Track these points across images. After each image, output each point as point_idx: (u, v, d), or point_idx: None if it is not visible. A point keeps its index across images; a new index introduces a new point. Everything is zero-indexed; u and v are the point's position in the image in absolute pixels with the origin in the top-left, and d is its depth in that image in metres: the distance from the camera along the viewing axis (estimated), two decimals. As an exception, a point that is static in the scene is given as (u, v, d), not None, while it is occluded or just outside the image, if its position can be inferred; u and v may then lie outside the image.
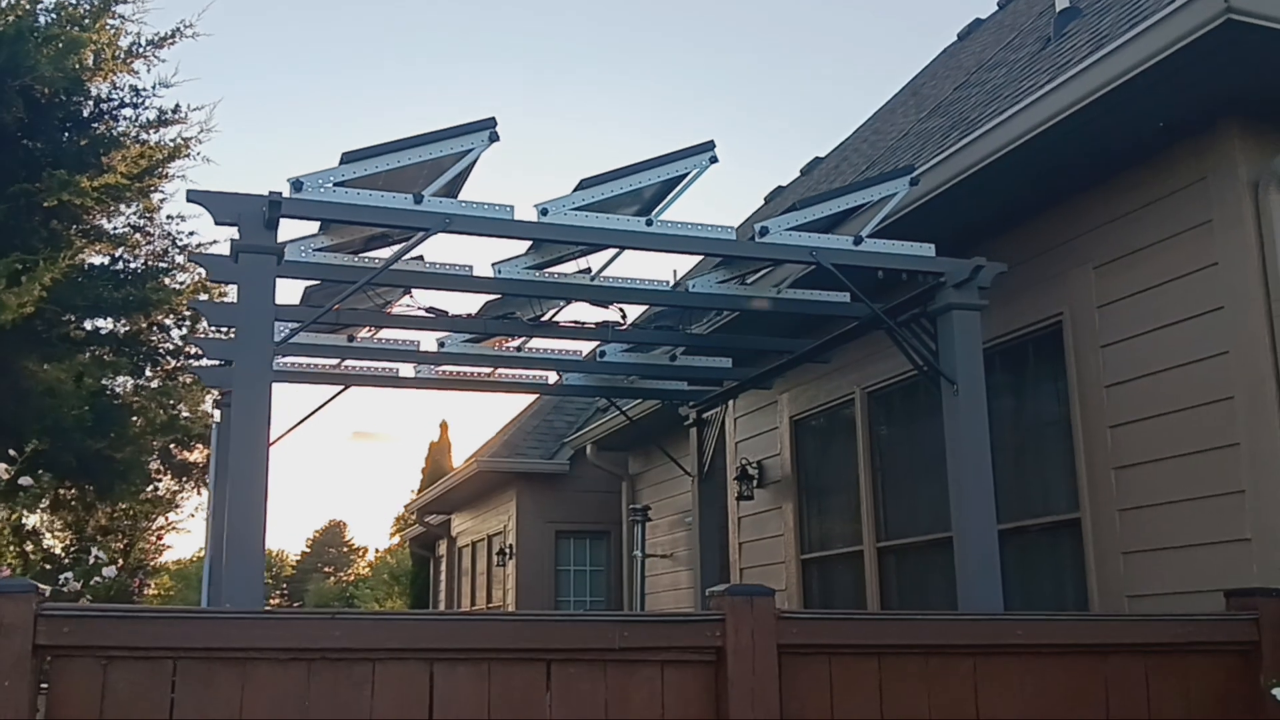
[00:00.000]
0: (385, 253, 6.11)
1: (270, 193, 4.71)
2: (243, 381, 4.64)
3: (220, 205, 4.76)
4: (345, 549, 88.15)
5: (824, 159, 15.13)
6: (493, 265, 5.91)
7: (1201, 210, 5.49)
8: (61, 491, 13.02)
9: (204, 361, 7.85)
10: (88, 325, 11.23)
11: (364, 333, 7.46)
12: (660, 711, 4.04)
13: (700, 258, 6.12)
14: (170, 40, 10.29)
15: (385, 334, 7.52)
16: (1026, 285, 6.51)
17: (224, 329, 8.34)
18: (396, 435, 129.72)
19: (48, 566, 6.42)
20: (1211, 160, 5.45)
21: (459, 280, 5.97)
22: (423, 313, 6.78)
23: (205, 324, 8.38)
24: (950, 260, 5.74)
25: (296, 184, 4.90)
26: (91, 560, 6.70)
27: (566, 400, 17.38)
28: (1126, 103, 5.30)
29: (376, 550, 74.53)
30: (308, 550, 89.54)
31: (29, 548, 16.04)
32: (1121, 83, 5.18)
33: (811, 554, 8.97)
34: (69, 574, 5.72)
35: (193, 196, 4.72)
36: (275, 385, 4.89)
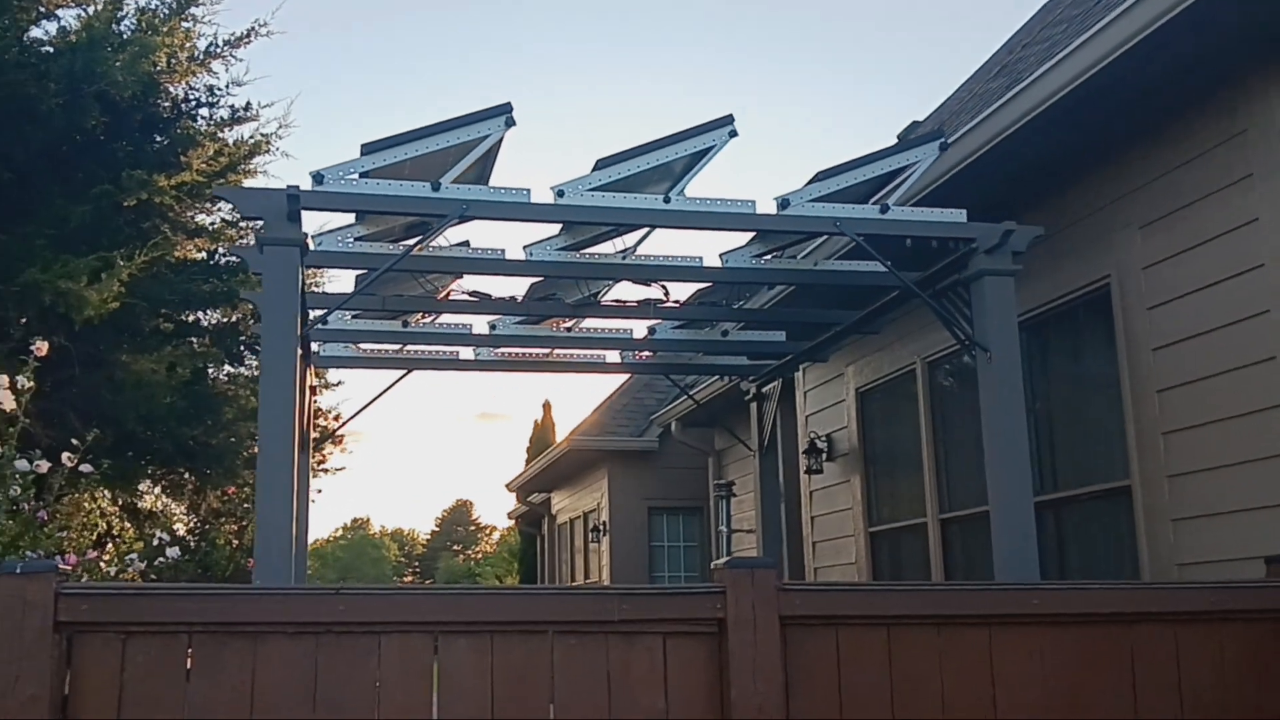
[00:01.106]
0: (440, 240, 6.27)
1: (289, 186, 4.89)
2: (269, 369, 4.84)
3: (245, 200, 4.96)
4: (472, 527, 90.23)
5: (922, 122, 14.85)
6: (524, 248, 6.01)
7: (1241, 164, 5.28)
8: (173, 477, 13.70)
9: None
10: (189, 317, 11.75)
11: (422, 319, 7.66)
12: (662, 683, 4.09)
13: (752, 233, 6.10)
14: (246, 40, 10.65)
15: (443, 319, 7.71)
16: (1073, 249, 6.35)
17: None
18: (517, 416, 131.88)
19: (173, 548, 6.82)
20: (1251, 112, 5.23)
21: (492, 264, 6.09)
22: (467, 297, 6.93)
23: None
24: (981, 225, 5.63)
25: (317, 176, 5.07)
26: (155, 542, 7.07)
27: (656, 378, 17.50)
28: (1161, 51, 5.13)
29: (500, 529, 76.13)
30: (437, 529, 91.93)
31: (151, 531, 16.92)
32: (1154, 29, 5.01)
33: (879, 526, 8.90)
34: (134, 554, 6.05)
35: (218, 192, 4.95)
36: (352, 371, 5.07)
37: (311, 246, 5.84)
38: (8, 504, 5.34)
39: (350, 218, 5.82)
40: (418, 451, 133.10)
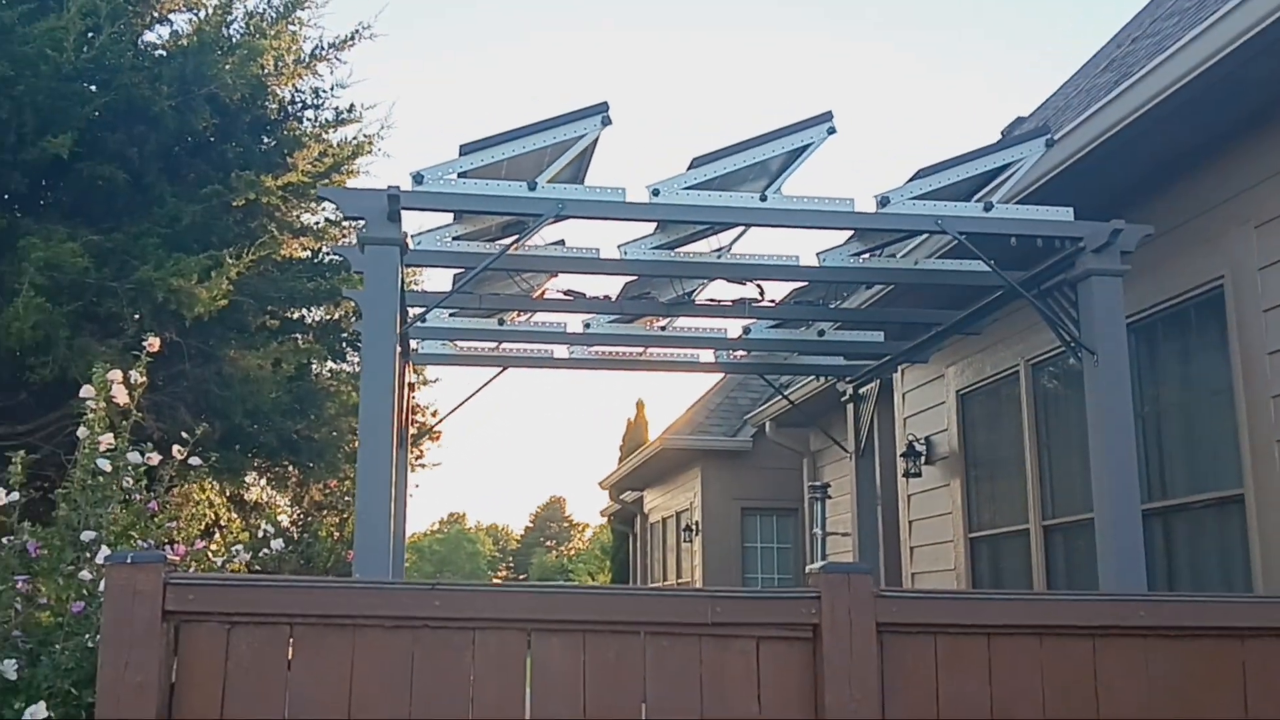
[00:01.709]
0: (535, 240, 6.32)
1: (390, 187, 4.96)
2: (369, 366, 4.92)
3: (347, 200, 5.05)
4: (565, 524, 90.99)
5: (1027, 118, 14.52)
6: (619, 247, 6.02)
7: (1367, 159, 5.04)
8: (277, 470, 14.06)
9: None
10: (294, 314, 12.04)
11: (518, 317, 7.73)
12: (755, 686, 4.06)
13: (850, 232, 6.03)
14: (350, 42, 10.86)
15: (538, 317, 7.76)
16: (1184, 248, 6.13)
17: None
18: (611, 413, 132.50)
19: (277, 540, 7.03)
20: (1379, 105, 5.00)
21: (587, 263, 6.11)
22: (562, 296, 6.96)
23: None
24: (1088, 224, 5.47)
25: (417, 177, 5.14)
26: (260, 533, 7.24)
27: (750, 377, 17.41)
28: (1274, 46, 4.92)
29: (592, 526, 76.68)
30: (531, 525, 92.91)
31: (256, 521, 17.38)
32: (1273, 20, 4.82)
33: (979, 532, 8.72)
34: (239, 546, 6.21)
35: (322, 193, 5.05)
36: (447, 369, 5.12)
37: (411, 246, 5.93)
38: (120, 495, 5.51)
39: (448, 217, 5.89)
40: (513, 448, 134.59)
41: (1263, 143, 5.64)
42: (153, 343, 5.65)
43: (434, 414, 17.37)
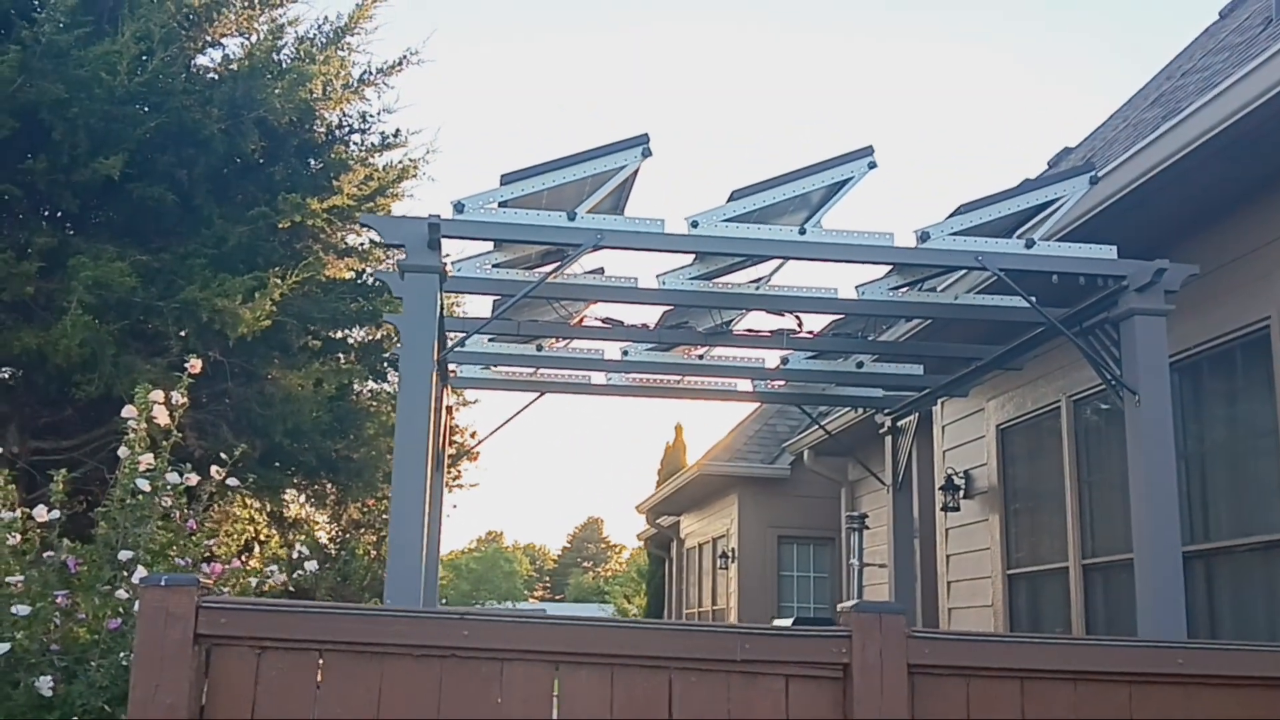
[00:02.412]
0: (575, 268, 6.35)
1: (430, 215, 5.01)
2: (406, 391, 4.95)
3: (388, 228, 5.10)
4: (602, 545, 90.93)
5: (1074, 149, 14.41)
6: (657, 277, 6.02)
7: None
8: (316, 488, 14.17)
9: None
10: (336, 334, 12.16)
11: (556, 343, 7.75)
12: (784, 725, 4.03)
13: (889, 266, 6.00)
14: (398, 68, 10.99)
15: (576, 344, 7.78)
16: (1229, 288, 6.05)
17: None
18: (649, 437, 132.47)
19: (311, 561, 7.08)
20: None
21: (625, 292, 6.13)
22: (600, 323, 6.98)
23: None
24: (1131, 262, 5.41)
25: (458, 206, 5.18)
26: (295, 554, 7.29)
27: (789, 405, 17.32)
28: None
29: (629, 549, 76.54)
30: (568, 545, 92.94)
31: (295, 537, 17.51)
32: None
33: (1018, 569, 8.61)
34: (274, 566, 6.26)
35: (364, 220, 5.12)
36: (486, 392, 5.13)
37: (451, 272, 5.97)
38: (159, 514, 5.57)
39: (488, 244, 5.93)
40: (552, 468, 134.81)
41: (1311, 182, 5.56)
42: (195, 364, 5.72)
43: (473, 435, 17.45)
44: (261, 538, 16.00)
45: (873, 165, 5.48)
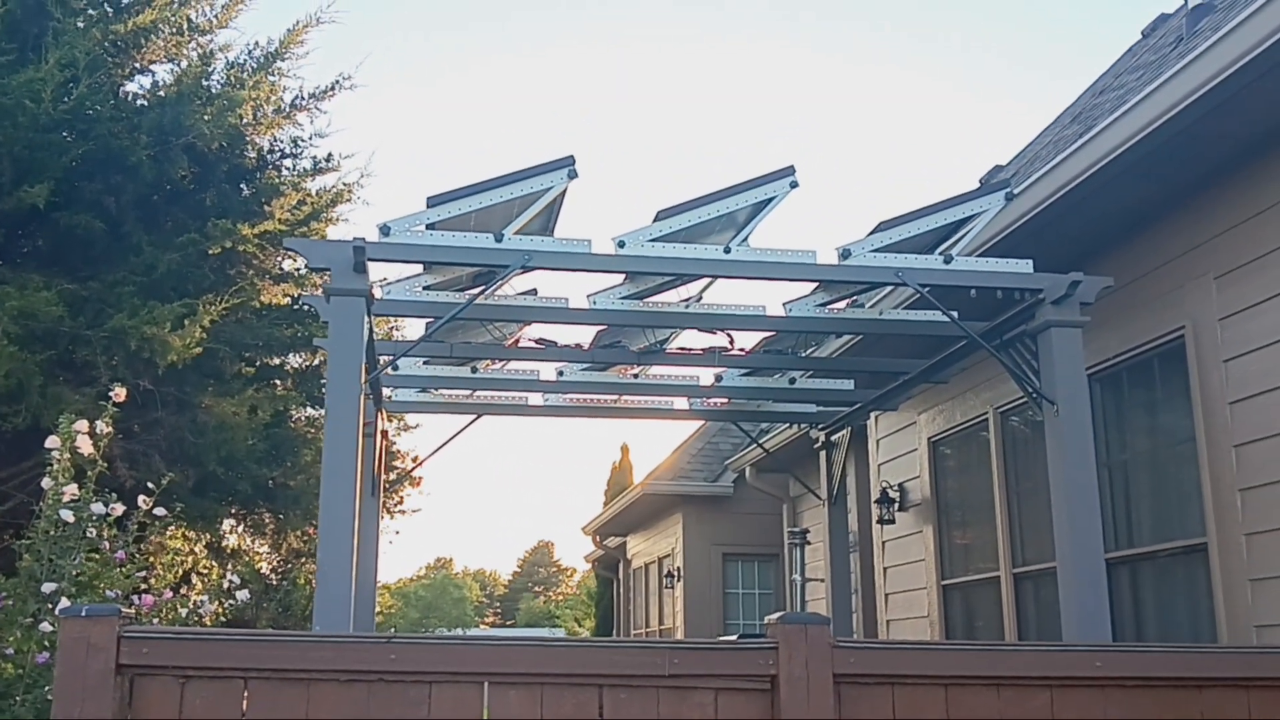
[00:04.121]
0: (506, 289, 6.38)
1: (355, 239, 5.01)
2: (333, 414, 4.94)
3: (313, 252, 5.09)
4: (554, 569, 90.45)
5: (1005, 167, 14.67)
6: (588, 297, 6.07)
7: (1320, 213, 5.14)
8: (254, 517, 13.98)
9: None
10: (272, 360, 12.04)
11: (492, 365, 7.76)
12: (713, 738, 4.06)
13: (815, 283, 6.09)
14: (330, 92, 10.95)
15: (512, 365, 7.80)
16: (1147, 300, 6.22)
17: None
18: (597, 458, 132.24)
19: (242, 591, 6.98)
20: (1329, 160, 5.10)
21: (556, 312, 6.16)
22: (534, 345, 7.01)
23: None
24: (1047, 276, 5.55)
25: (384, 229, 5.19)
26: (226, 584, 7.22)
27: (730, 424, 17.40)
28: (1235, 97, 5.03)
29: (580, 571, 76.21)
30: (519, 570, 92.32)
31: (235, 567, 17.25)
32: (1228, 75, 4.93)
33: (952, 580, 8.74)
34: (205, 597, 6.19)
35: (288, 244, 5.08)
36: (421, 415, 5.11)
37: (380, 296, 5.97)
38: (86, 545, 5.50)
39: (418, 267, 5.94)
40: (501, 493, 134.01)
41: (1221, 196, 5.74)
42: (119, 393, 5.66)
43: (415, 460, 17.33)
44: (201, 569, 15.76)
45: (794, 184, 5.57)
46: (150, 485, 5.93)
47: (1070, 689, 4.21)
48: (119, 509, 5.46)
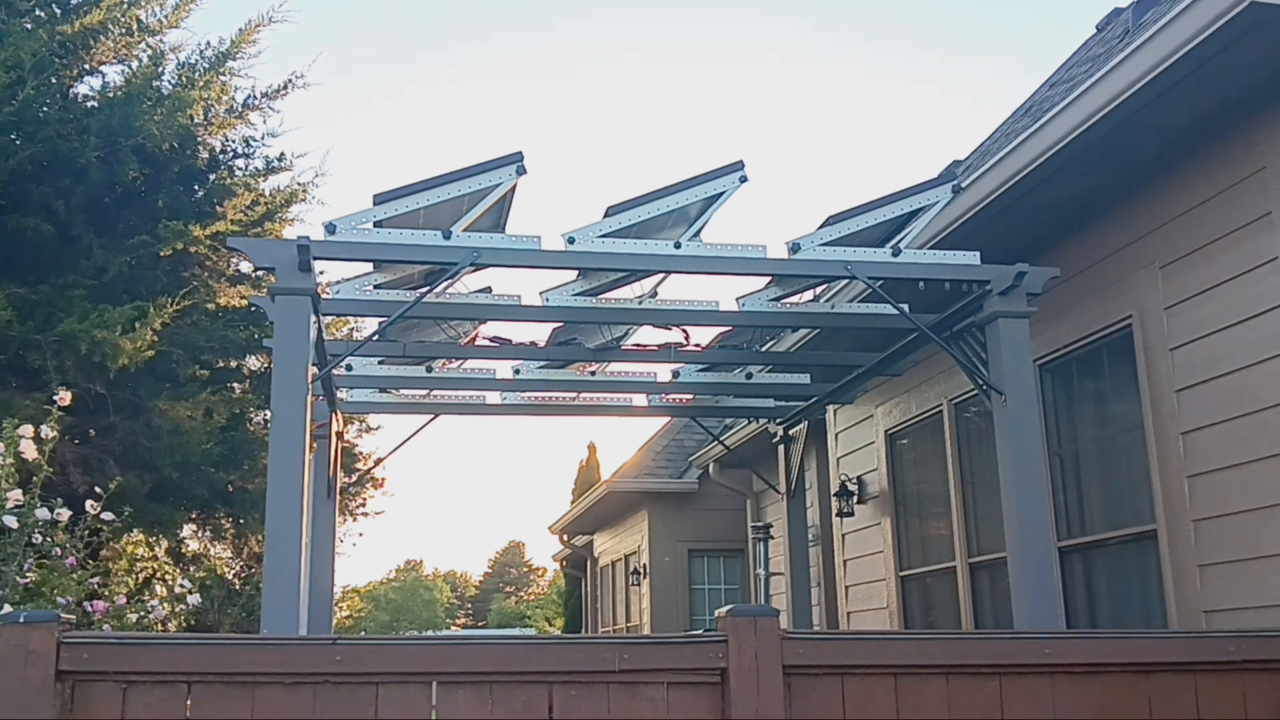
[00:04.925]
0: (460, 287, 6.35)
1: (300, 237, 4.97)
2: (279, 415, 4.89)
3: (257, 251, 5.05)
4: (525, 569, 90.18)
5: (963, 161, 14.74)
6: (540, 294, 6.05)
7: (1261, 201, 5.20)
8: (213, 522, 13.85)
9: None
10: (229, 363, 11.92)
11: (448, 365, 7.72)
12: (664, 733, 4.05)
13: (768, 277, 6.10)
14: (283, 92, 10.86)
15: (470, 364, 7.76)
16: (1093, 290, 6.27)
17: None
18: (566, 457, 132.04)
19: (194, 595, 6.91)
20: (1269, 149, 5.16)
21: (509, 310, 6.14)
22: (489, 343, 6.98)
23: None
24: (994, 267, 5.59)
25: (330, 226, 5.15)
26: (178, 589, 7.14)
27: (703, 418, 17.41)
28: (1177, 87, 5.08)
29: (551, 571, 76.01)
30: (490, 571, 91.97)
31: (196, 573, 17.08)
32: (1158, 74, 4.98)
33: (910, 571, 8.78)
34: (156, 601, 6.12)
35: (232, 244, 5.04)
36: (383, 416, 5.02)
37: (330, 295, 5.93)
38: (35, 552, 5.42)
39: (368, 266, 5.90)
40: (471, 493, 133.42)
41: (1165, 186, 5.80)
42: (64, 397, 5.59)
43: (378, 462, 17.21)
44: (165, 575, 15.59)
45: (744, 179, 5.58)
46: (97, 489, 5.84)
47: (1019, 676, 4.24)
48: (64, 514, 5.38)
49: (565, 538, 24.52)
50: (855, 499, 9.45)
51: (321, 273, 5.35)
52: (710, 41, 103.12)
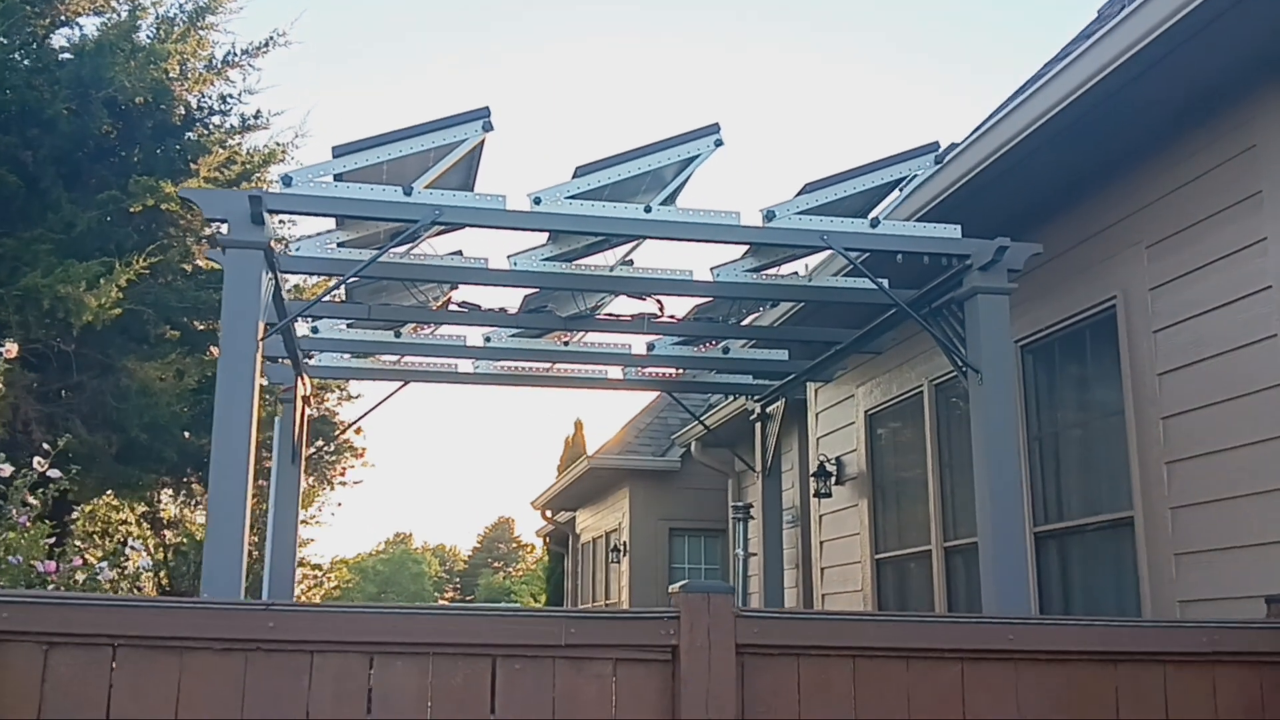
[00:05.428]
0: (427, 248, 6.15)
1: (253, 189, 4.78)
2: (225, 373, 4.71)
3: (209, 201, 4.85)
4: (514, 544, 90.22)
5: (958, 144, 14.57)
6: (508, 257, 5.86)
7: (1251, 180, 5.02)
8: (185, 485, 13.68)
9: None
10: (203, 324, 11.72)
11: (417, 330, 7.53)
12: (612, 710, 3.90)
13: (745, 247, 5.92)
14: (263, 49, 10.66)
15: (442, 330, 7.57)
16: (1079, 269, 6.11)
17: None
18: (554, 434, 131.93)
19: (144, 558, 6.75)
20: (1260, 127, 4.98)
21: (475, 273, 5.96)
22: (457, 308, 6.80)
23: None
24: (974, 241, 5.41)
25: (286, 179, 4.96)
26: (128, 550, 6.98)
27: (683, 395, 17.26)
28: (1165, 61, 4.90)
29: (538, 547, 76.02)
30: (479, 545, 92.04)
31: (175, 536, 16.92)
32: (1146, 44, 4.80)
33: (885, 553, 8.64)
34: (105, 564, 5.95)
35: (182, 194, 4.86)
36: (363, 384, 4.85)
37: (291, 251, 5.74)
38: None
39: (332, 223, 5.71)
40: (462, 468, 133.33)
41: (1152, 165, 5.63)
42: (10, 348, 5.40)
43: (358, 431, 17.03)
44: (142, 538, 15.42)
45: (719, 143, 5.39)
46: (49, 450, 5.66)
47: (982, 662, 4.10)
48: (6, 469, 5.20)
49: (548, 514, 24.40)
50: (834, 480, 9.29)
51: (292, 223, 5.17)
52: (697, 25, 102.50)
